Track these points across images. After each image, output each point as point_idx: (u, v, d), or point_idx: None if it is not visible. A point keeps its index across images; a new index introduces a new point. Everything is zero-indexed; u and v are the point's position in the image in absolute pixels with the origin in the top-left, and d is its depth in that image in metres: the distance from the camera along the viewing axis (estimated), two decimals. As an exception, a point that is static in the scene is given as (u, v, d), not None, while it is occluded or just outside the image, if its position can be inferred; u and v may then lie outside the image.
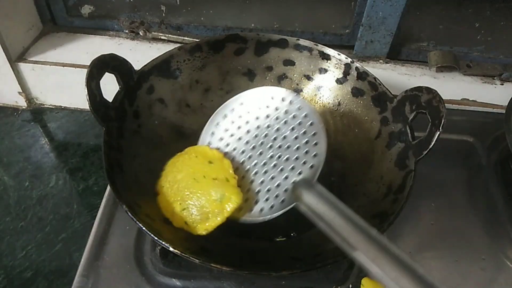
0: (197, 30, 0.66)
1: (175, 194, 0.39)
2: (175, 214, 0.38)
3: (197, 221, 0.37)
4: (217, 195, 0.37)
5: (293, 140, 0.40)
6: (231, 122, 0.42)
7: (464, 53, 0.64)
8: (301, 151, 0.39)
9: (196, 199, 0.38)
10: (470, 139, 0.56)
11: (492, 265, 0.43)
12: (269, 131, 0.41)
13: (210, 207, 0.37)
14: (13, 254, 0.46)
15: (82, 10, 0.66)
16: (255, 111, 0.42)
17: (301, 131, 0.40)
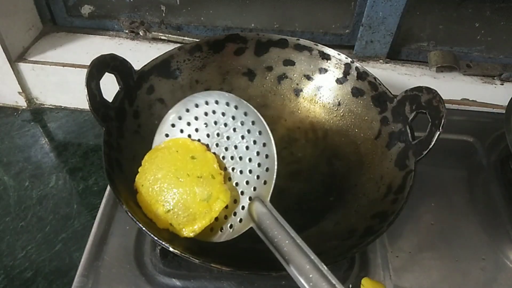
0: (197, 30, 0.66)
1: (157, 194, 0.37)
2: (159, 215, 0.36)
3: (183, 223, 0.36)
4: (203, 195, 0.36)
5: (245, 151, 0.37)
6: (186, 124, 0.41)
7: (464, 53, 0.64)
8: (254, 164, 0.36)
9: (181, 200, 0.36)
10: (470, 139, 0.56)
11: (492, 265, 0.43)
12: (219, 140, 0.39)
13: (196, 208, 0.36)
14: (13, 254, 0.46)
15: (82, 10, 0.66)
16: (202, 117, 0.40)
17: (251, 140, 0.37)
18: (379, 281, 0.40)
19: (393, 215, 0.36)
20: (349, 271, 0.41)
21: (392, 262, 0.42)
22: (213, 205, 0.36)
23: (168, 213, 0.36)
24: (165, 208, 0.36)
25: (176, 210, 0.36)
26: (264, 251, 0.41)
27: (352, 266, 0.42)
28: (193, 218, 0.35)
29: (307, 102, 0.52)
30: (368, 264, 0.42)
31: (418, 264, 0.43)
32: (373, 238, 0.35)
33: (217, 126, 0.39)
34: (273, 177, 0.35)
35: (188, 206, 0.36)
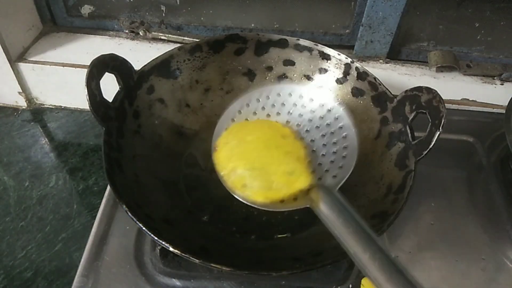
0: (197, 30, 0.66)
1: (242, 153, 0.36)
2: (235, 173, 0.35)
3: (258, 187, 0.34)
4: (288, 167, 0.35)
5: (321, 146, 0.38)
6: (261, 108, 0.41)
7: (464, 53, 0.64)
8: (326, 158, 0.38)
9: (263, 166, 0.35)
10: (470, 139, 0.56)
11: (492, 265, 0.43)
12: (299, 129, 0.40)
13: (277, 177, 0.35)
14: (13, 254, 0.46)
15: (82, 10, 0.66)
16: (289, 105, 0.41)
17: (332, 140, 0.38)
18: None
19: (393, 215, 0.36)
20: (349, 271, 0.41)
21: (392, 262, 0.42)
22: (293, 182, 0.35)
23: (247, 172, 0.35)
24: (245, 169, 0.35)
25: (256, 175, 0.35)
26: (264, 251, 0.41)
27: (352, 266, 0.42)
28: (269, 186, 0.34)
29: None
30: (368, 264, 0.42)
31: (418, 264, 0.43)
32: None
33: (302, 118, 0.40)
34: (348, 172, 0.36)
35: (268, 174, 0.35)
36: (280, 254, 0.40)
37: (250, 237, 0.42)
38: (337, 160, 0.37)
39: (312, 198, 0.34)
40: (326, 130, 0.39)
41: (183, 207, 0.44)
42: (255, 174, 0.35)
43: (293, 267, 0.34)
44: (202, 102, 0.51)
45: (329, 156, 0.38)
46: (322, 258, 0.36)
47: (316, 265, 0.35)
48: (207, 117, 0.51)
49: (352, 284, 0.40)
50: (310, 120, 0.40)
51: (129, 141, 0.43)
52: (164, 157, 0.46)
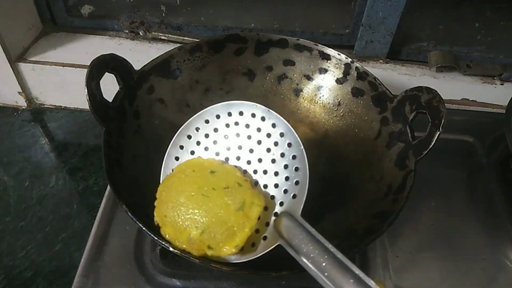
0: (197, 30, 0.66)
1: (185, 220, 0.33)
2: (193, 241, 0.33)
3: (223, 241, 0.32)
4: (236, 204, 0.33)
5: (271, 165, 0.36)
6: (196, 143, 0.39)
7: (464, 53, 0.64)
8: (281, 178, 0.36)
9: (213, 216, 0.33)
10: (470, 139, 0.56)
11: (492, 265, 0.43)
12: (241, 153, 0.38)
13: (233, 220, 0.33)
14: (13, 254, 0.46)
15: (82, 10, 0.66)
16: (222, 129, 0.38)
17: (278, 153, 0.36)
18: (379, 281, 0.40)
19: (393, 215, 0.36)
20: (349, 271, 0.41)
21: (392, 262, 0.42)
22: (249, 213, 0.33)
23: (203, 234, 0.32)
24: (198, 230, 0.33)
25: (212, 229, 0.33)
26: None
27: (352, 266, 0.41)
28: (232, 232, 0.32)
29: (307, 102, 0.52)
30: (368, 264, 0.42)
31: (418, 264, 0.43)
32: (373, 238, 0.35)
33: (239, 138, 0.38)
34: (304, 190, 0.34)
35: (223, 221, 0.33)
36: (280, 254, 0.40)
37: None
38: (291, 176, 0.35)
39: (281, 232, 0.33)
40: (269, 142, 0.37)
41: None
42: (211, 230, 0.32)
43: (293, 267, 0.34)
44: (202, 102, 0.51)
45: (282, 173, 0.36)
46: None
47: (316, 265, 0.34)
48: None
49: (352, 284, 0.40)
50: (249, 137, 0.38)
51: (129, 141, 0.42)
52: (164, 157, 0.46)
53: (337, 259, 0.29)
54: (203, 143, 0.39)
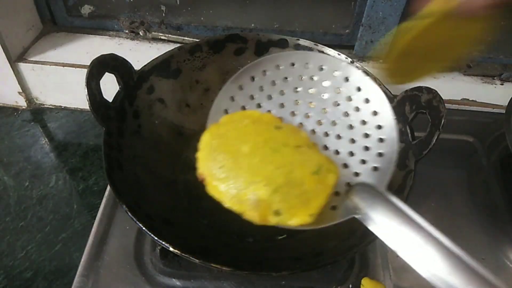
0: (197, 30, 0.66)
1: (251, 174, 0.27)
2: (259, 202, 0.27)
3: (296, 206, 0.27)
4: (312, 166, 0.28)
5: (347, 130, 0.31)
6: (259, 88, 0.33)
7: (464, 53, 0.64)
8: (358, 146, 0.31)
9: (287, 175, 0.27)
10: (470, 139, 0.56)
11: (492, 265, 0.43)
12: (313, 110, 0.32)
13: (307, 183, 0.27)
14: (13, 254, 0.46)
15: (82, 10, 0.66)
16: (295, 80, 0.32)
17: (359, 119, 0.31)
18: (379, 281, 0.40)
19: (393, 215, 0.36)
20: (349, 271, 0.41)
21: (392, 262, 0.42)
22: (325, 180, 0.28)
23: (275, 194, 0.27)
24: (269, 188, 0.27)
25: (285, 189, 0.27)
26: (264, 251, 0.41)
27: (352, 266, 0.42)
28: (307, 198, 0.27)
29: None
30: (368, 264, 0.42)
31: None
32: (373, 238, 0.35)
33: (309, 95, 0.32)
34: (391, 165, 0.29)
35: (298, 182, 0.27)
36: (280, 254, 0.40)
37: (250, 237, 0.42)
38: (373, 146, 0.30)
39: (357, 205, 0.28)
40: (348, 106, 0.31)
41: (183, 207, 0.44)
42: (284, 191, 0.27)
43: (293, 267, 0.34)
44: (202, 102, 0.51)
45: (360, 141, 0.31)
46: (322, 258, 0.36)
47: (316, 265, 0.35)
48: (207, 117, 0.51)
49: (352, 284, 0.40)
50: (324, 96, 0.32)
51: (129, 141, 0.42)
52: (164, 157, 0.46)
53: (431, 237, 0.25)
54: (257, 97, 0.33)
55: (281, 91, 0.33)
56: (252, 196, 0.27)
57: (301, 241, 0.41)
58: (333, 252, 0.36)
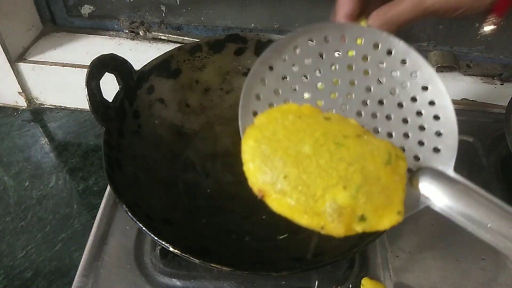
0: (197, 30, 0.66)
1: (325, 178, 0.23)
2: (340, 210, 0.23)
3: (381, 206, 0.24)
4: (382, 156, 0.24)
5: (397, 108, 0.28)
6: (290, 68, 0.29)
7: (464, 53, 0.64)
8: (412, 126, 0.28)
9: (362, 171, 0.23)
10: (470, 139, 0.55)
11: (492, 265, 0.43)
12: (354, 90, 0.28)
13: (385, 176, 0.24)
14: (13, 254, 0.46)
15: (82, 10, 0.66)
16: (330, 56, 0.28)
17: (408, 96, 0.28)
18: (379, 281, 0.40)
19: (393, 215, 0.36)
20: (349, 271, 0.41)
21: (392, 262, 0.42)
22: (397, 168, 0.25)
23: (357, 196, 0.23)
24: (350, 190, 0.23)
25: (366, 188, 0.23)
26: (264, 251, 0.41)
27: (352, 266, 0.42)
28: (388, 194, 0.24)
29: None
30: (368, 264, 0.42)
31: (418, 264, 0.43)
32: (373, 238, 0.35)
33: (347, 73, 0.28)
34: (454, 143, 0.27)
35: (376, 177, 0.24)
36: (280, 254, 0.40)
37: (250, 237, 0.42)
38: (429, 125, 0.27)
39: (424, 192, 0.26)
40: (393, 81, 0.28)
41: (183, 207, 0.44)
42: (366, 191, 0.23)
43: (293, 267, 0.34)
44: (202, 102, 0.51)
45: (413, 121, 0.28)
46: (322, 258, 0.36)
47: (316, 265, 0.35)
48: (207, 117, 0.51)
49: (352, 284, 0.40)
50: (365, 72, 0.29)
51: (129, 141, 0.42)
52: (164, 157, 0.46)
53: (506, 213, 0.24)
54: (283, 88, 0.29)
55: (316, 69, 0.28)
56: (331, 204, 0.23)
57: (301, 241, 0.41)
58: (333, 252, 0.36)
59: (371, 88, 0.29)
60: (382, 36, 0.29)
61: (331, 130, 0.25)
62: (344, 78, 0.29)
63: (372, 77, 0.28)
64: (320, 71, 0.29)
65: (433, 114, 0.28)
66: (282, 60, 0.29)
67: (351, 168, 0.23)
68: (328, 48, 0.29)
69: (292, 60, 0.29)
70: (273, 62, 0.29)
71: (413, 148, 0.28)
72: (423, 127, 0.28)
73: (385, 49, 0.29)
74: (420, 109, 0.28)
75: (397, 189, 0.24)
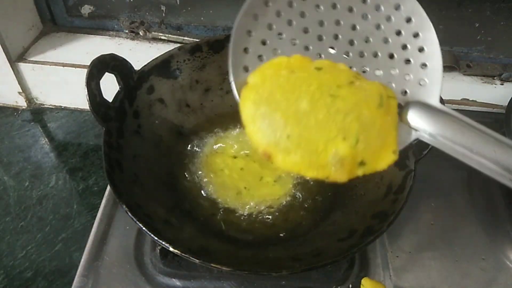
0: (197, 30, 0.66)
1: (324, 132, 0.24)
2: (342, 159, 0.25)
3: (379, 149, 0.25)
4: (374, 100, 0.25)
5: (382, 44, 0.28)
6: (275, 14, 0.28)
7: (464, 53, 0.64)
8: (399, 60, 0.28)
9: (359, 119, 0.25)
10: (470, 139, 0.55)
11: (492, 265, 0.43)
12: (340, 29, 0.28)
13: (380, 119, 0.25)
14: (13, 254, 0.46)
15: (82, 10, 0.66)
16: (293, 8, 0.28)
17: (392, 29, 0.28)
18: (379, 281, 0.40)
19: (393, 215, 0.36)
20: (349, 271, 0.41)
21: (392, 262, 0.42)
22: (389, 108, 0.26)
23: (357, 145, 0.25)
24: (350, 140, 0.24)
25: (365, 135, 0.25)
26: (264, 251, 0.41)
27: (352, 266, 0.42)
28: (383, 136, 0.26)
29: None
30: (368, 264, 0.42)
31: (418, 264, 0.43)
32: (373, 238, 0.35)
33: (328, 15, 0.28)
34: (438, 74, 0.27)
35: (371, 123, 0.25)
36: (280, 254, 0.40)
37: (250, 237, 0.42)
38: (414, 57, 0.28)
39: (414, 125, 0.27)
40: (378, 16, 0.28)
41: (183, 207, 0.44)
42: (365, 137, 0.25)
43: (293, 267, 0.34)
44: (202, 102, 0.51)
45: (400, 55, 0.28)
46: (322, 258, 0.36)
47: (316, 265, 0.35)
48: (207, 117, 0.51)
49: (352, 284, 0.40)
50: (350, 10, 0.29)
51: (129, 141, 0.42)
52: (164, 157, 0.46)
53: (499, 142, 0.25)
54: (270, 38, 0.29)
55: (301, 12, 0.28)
56: (334, 156, 0.25)
57: (301, 241, 0.41)
58: (333, 252, 0.36)
59: (357, 26, 0.29)
60: None
61: (325, 81, 0.26)
62: (330, 18, 0.28)
63: (357, 14, 0.28)
64: (305, 14, 0.28)
65: (418, 46, 0.28)
66: (265, 7, 0.28)
67: (348, 118, 0.24)
68: None
69: (276, 5, 0.28)
70: (257, 10, 0.28)
71: (400, 83, 0.28)
72: (409, 61, 0.28)
73: None
74: (405, 42, 0.28)
75: (391, 128, 0.26)
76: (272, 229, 0.42)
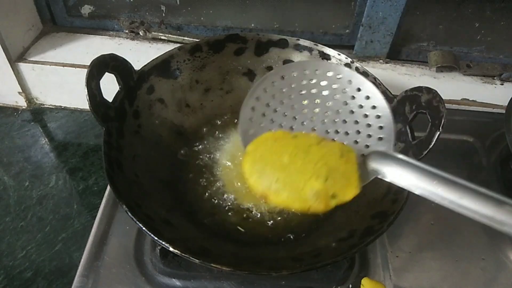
0: (197, 30, 0.66)
1: (302, 174, 0.33)
2: (318, 192, 0.32)
3: (344, 185, 0.33)
4: (337, 153, 0.34)
5: (348, 114, 0.38)
6: (271, 97, 0.39)
7: (464, 53, 0.64)
8: (362, 125, 0.38)
9: (327, 164, 0.33)
10: (470, 139, 0.56)
11: (492, 265, 0.43)
12: (319, 105, 0.39)
13: (342, 165, 0.33)
14: (13, 254, 0.46)
15: (82, 10, 0.66)
16: (298, 85, 0.39)
17: (357, 105, 0.38)
18: (379, 281, 0.40)
19: (393, 215, 0.36)
20: (349, 271, 0.41)
21: (392, 262, 0.42)
22: (349, 158, 0.34)
23: (327, 182, 0.33)
24: (321, 178, 0.33)
25: (333, 174, 0.33)
26: (264, 251, 0.41)
27: (352, 266, 0.42)
28: (347, 176, 0.33)
29: None
30: (368, 264, 0.42)
31: (418, 264, 0.43)
32: (373, 238, 0.35)
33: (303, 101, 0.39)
34: (391, 132, 0.37)
35: (336, 167, 0.33)
36: (280, 254, 0.40)
37: (250, 237, 0.42)
38: (373, 123, 0.37)
39: (375, 168, 0.34)
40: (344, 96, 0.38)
41: (183, 207, 0.44)
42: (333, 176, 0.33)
43: (293, 267, 0.34)
44: (202, 102, 0.51)
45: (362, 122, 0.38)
46: (322, 258, 0.36)
47: (316, 265, 0.35)
48: (207, 117, 0.51)
49: (352, 284, 0.40)
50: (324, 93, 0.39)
51: (129, 141, 0.43)
52: (164, 157, 0.46)
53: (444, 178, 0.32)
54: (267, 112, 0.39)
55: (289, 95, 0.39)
56: (311, 191, 0.32)
57: (301, 241, 0.41)
58: (333, 252, 0.36)
59: (330, 102, 0.39)
60: (331, 65, 0.40)
61: (299, 143, 0.35)
62: (311, 98, 0.39)
63: (330, 95, 0.39)
64: (291, 96, 0.39)
65: (375, 114, 0.38)
66: (264, 92, 0.39)
67: (318, 164, 0.33)
68: (296, 78, 0.39)
69: (272, 91, 0.39)
70: (259, 94, 0.39)
71: (364, 140, 0.38)
72: (369, 125, 0.38)
73: (335, 75, 0.39)
74: (366, 112, 0.38)
75: (352, 171, 0.34)
76: (272, 229, 0.42)
